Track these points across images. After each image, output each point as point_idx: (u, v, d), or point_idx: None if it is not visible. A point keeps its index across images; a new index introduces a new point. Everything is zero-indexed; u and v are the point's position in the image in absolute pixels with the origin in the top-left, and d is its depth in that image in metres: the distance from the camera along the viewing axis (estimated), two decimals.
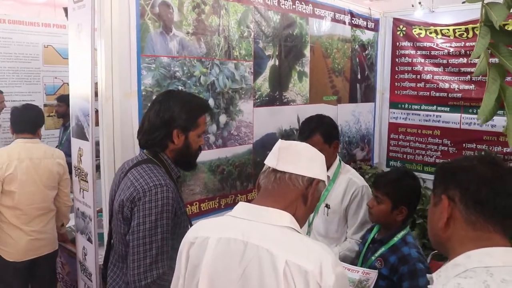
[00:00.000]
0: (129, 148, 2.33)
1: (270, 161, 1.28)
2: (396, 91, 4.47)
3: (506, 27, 3.52)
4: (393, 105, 4.49)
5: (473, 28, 3.84)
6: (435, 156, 4.25)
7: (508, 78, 3.40)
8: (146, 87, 2.39)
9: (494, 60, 1.71)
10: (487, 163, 1.07)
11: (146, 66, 2.39)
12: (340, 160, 2.48)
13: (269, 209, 1.21)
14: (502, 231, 1.02)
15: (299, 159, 1.26)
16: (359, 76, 4.26)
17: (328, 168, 2.19)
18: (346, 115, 4.11)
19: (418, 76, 4.27)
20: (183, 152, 1.79)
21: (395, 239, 1.95)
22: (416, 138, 4.35)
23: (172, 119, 1.73)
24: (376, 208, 2.01)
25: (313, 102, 3.62)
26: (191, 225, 1.69)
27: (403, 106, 4.41)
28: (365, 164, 4.39)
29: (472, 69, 3.87)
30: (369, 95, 4.45)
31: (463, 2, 1.66)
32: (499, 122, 3.72)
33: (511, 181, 1.04)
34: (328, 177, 2.32)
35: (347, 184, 2.38)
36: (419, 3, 4.00)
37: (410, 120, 4.37)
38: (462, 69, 3.95)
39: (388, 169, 4.46)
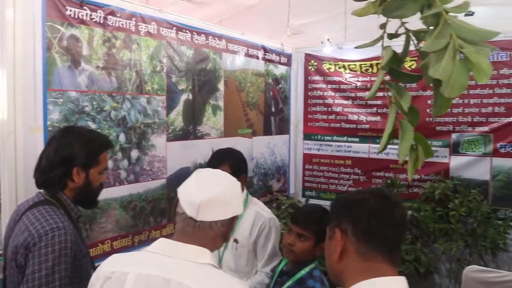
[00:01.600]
0: (33, 187, 2.33)
1: (189, 210, 1.28)
2: (309, 123, 4.82)
3: (406, 65, 4.02)
4: (307, 136, 4.84)
5: (377, 64, 4.32)
6: (347, 185, 4.62)
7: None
8: (53, 122, 2.43)
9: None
10: (377, 196, 1.17)
11: (53, 100, 2.43)
12: (247, 194, 2.58)
13: (189, 246, 1.25)
14: (390, 261, 1.11)
15: (221, 206, 1.30)
16: (273, 109, 4.55)
17: None
18: (261, 148, 4.36)
19: (329, 109, 4.66)
20: (83, 190, 1.79)
21: (302, 272, 2.05)
22: (329, 168, 4.71)
23: (72, 156, 1.74)
24: (299, 245, 2.05)
25: (228, 135, 3.82)
26: (94, 268, 1.65)
27: (316, 137, 4.77)
28: (282, 194, 4.65)
29: (378, 102, 4.33)
30: (283, 127, 4.75)
31: (355, 47, 1.94)
32: None
33: (399, 213, 1.15)
34: None
35: (255, 217, 2.47)
36: (328, 40, 4.41)
37: (323, 151, 4.73)
38: (369, 102, 4.40)
39: (304, 199, 4.76)
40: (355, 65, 4.47)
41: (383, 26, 1.20)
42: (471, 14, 4.67)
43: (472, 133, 4.02)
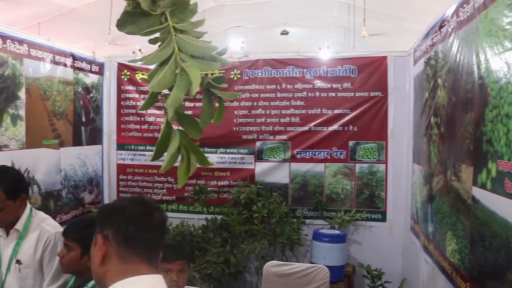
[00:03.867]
0: None
1: None
2: (122, 133, 5.09)
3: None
4: (120, 146, 5.10)
5: None
6: (161, 194, 5.01)
7: None
8: None
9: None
10: (137, 202, 1.33)
11: None
12: (31, 209, 2.50)
13: None
14: (148, 261, 1.26)
15: None
16: (83, 119, 4.72)
17: (16, 221, 2.36)
18: (71, 159, 4.48)
19: (142, 118, 5.01)
20: None
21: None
22: (144, 178, 5.04)
23: None
24: (66, 257, 2.09)
25: (31, 147, 3.87)
26: None
27: (129, 147, 5.07)
28: (95, 207, 4.81)
29: (190, 112, 4.81)
30: (95, 138, 4.94)
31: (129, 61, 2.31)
32: (213, 159, 4.73)
33: (157, 218, 1.31)
34: (18, 230, 2.39)
35: (39, 233, 2.41)
36: (139, 50, 4.77)
37: (137, 161, 5.04)
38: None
39: None
40: None
41: (154, 41, 1.18)
42: (286, 33, 5.52)
43: (273, 141, 4.77)
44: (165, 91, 1.12)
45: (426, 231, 3.26)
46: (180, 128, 1.19)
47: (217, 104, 1.33)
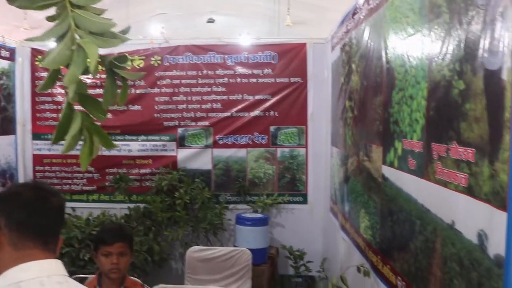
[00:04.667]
0: None
1: None
2: (38, 122, 4.86)
3: (135, 63, 4.47)
4: (36, 136, 4.87)
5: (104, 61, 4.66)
6: (82, 184, 4.85)
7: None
8: None
9: None
10: (30, 188, 1.29)
11: None
12: None
13: None
14: (44, 246, 1.22)
15: None
16: None
17: None
18: None
19: (59, 106, 4.79)
20: None
21: None
22: (62, 168, 4.85)
23: None
24: None
25: None
26: None
27: (46, 137, 4.84)
28: None
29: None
30: (7, 127, 4.68)
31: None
32: (134, 147, 4.65)
33: (54, 202, 1.27)
34: None
35: None
36: None
37: (54, 151, 4.83)
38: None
39: None
40: None
41: (52, 19, 1.11)
42: (212, 21, 5.48)
43: (195, 127, 4.75)
44: None
45: (343, 210, 3.41)
46: (83, 109, 1.16)
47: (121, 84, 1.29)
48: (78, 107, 1.18)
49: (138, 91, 4.71)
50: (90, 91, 4.28)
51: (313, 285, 4.58)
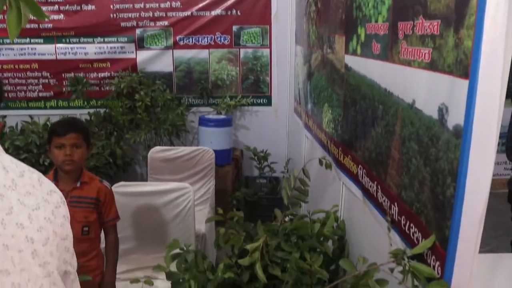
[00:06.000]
0: None
1: None
2: None
3: None
4: None
5: None
6: (38, 90, 4.65)
7: None
8: None
9: None
10: None
11: None
12: None
13: None
14: None
15: None
16: None
17: None
18: None
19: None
20: None
21: None
22: (15, 74, 4.60)
23: None
24: None
25: None
26: None
27: None
28: None
29: None
30: None
31: None
32: (91, 49, 4.43)
33: None
34: None
35: None
36: None
37: (4, 56, 4.55)
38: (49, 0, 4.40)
39: None
40: None
41: None
42: None
43: (154, 28, 4.52)
44: None
45: (306, 109, 3.38)
46: None
47: None
48: None
49: None
50: None
51: (277, 185, 4.66)
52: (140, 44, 4.54)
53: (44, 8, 4.44)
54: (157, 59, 4.57)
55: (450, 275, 1.13)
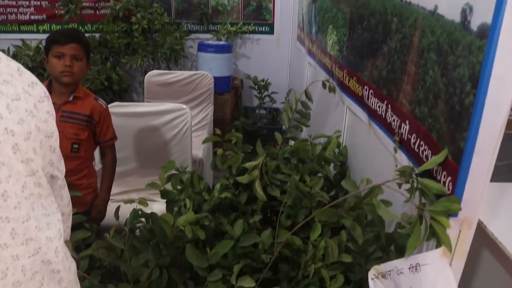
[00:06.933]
0: None
1: None
2: None
3: None
4: None
5: None
6: (29, 13, 4.43)
7: None
8: None
9: None
10: None
11: None
12: None
13: None
14: None
15: None
16: None
17: None
18: None
19: None
20: None
21: None
22: None
23: None
24: None
25: None
26: None
27: None
28: None
29: None
30: None
31: None
32: None
33: None
34: None
35: None
36: None
37: None
38: None
39: None
40: None
41: None
42: None
43: None
44: None
45: (310, 34, 3.22)
46: None
47: None
48: None
49: None
50: None
51: (277, 116, 4.57)
52: None
53: None
54: None
55: (462, 191, 1.06)
